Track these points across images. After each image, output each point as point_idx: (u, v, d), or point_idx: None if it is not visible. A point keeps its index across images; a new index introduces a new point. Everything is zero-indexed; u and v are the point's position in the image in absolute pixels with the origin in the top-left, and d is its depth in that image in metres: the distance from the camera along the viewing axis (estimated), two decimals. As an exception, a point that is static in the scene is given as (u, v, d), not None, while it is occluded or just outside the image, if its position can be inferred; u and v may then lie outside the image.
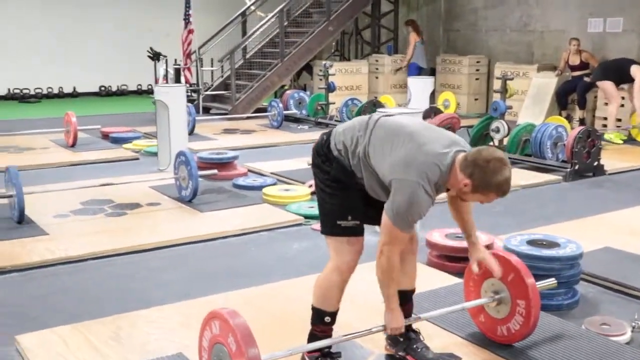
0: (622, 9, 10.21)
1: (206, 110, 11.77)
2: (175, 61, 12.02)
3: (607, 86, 9.09)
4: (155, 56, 12.13)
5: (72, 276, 4.22)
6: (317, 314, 2.85)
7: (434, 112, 8.77)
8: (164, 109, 6.96)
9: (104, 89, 14.96)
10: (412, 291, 3.01)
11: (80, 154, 7.94)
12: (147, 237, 4.86)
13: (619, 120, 9.29)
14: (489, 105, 9.23)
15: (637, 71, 8.73)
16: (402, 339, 3.00)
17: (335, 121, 10.02)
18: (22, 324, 3.45)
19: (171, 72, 11.83)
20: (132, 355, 3.11)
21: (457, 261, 4.12)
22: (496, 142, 7.75)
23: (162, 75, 11.96)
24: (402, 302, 2.95)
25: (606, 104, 9.39)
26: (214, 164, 6.66)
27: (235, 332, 2.38)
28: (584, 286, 3.91)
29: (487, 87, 12.11)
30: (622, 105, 9.29)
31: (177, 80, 11.55)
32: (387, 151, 2.62)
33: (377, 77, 12.63)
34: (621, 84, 9.12)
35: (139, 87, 15.20)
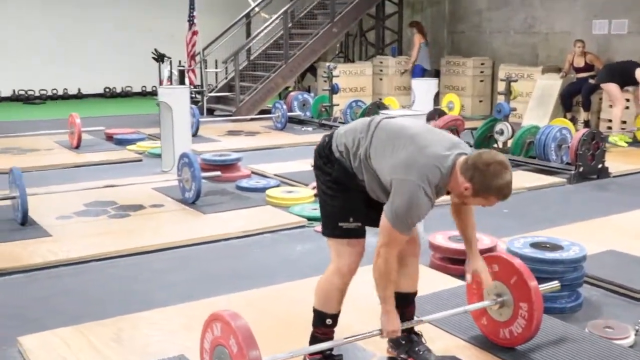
0: (628, 11, 10.19)
1: (210, 111, 11.77)
2: (179, 63, 12.04)
3: (611, 88, 9.07)
4: (159, 58, 12.16)
5: (74, 278, 4.23)
6: (319, 316, 2.85)
7: (438, 114, 8.76)
8: (168, 111, 6.96)
9: (108, 90, 14.99)
10: (414, 294, 3.00)
11: (84, 155, 7.95)
12: (150, 239, 4.86)
13: (624, 122, 9.26)
14: (493, 107, 9.21)
15: (642, 74, 8.73)
16: (404, 342, 2.99)
17: (339, 123, 9.99)
18: (24, 325, 3.45)
19: (175, 74, 11.85)
20: (134, 357, 3.11)
21: (460, 263, 4.08)
22: (500, 144, 7.73)
23: (167, 76, 11.98)
24: (404, 304, 2.96)
25: (611, 106, 9.36)
26: (217, 165, 6.66)
27: (236, 334, 2.38)
28: (587, 289, 3.90)
29: (492, 89, 12.07)
30: (627, 107, 9.27)
31: (182, 81, 11.57)
32: (388, 153, 2.61)
33: (381, 79, 12.61)
34: (626, 86, 9.09)
35: (144, 88, 15.22)
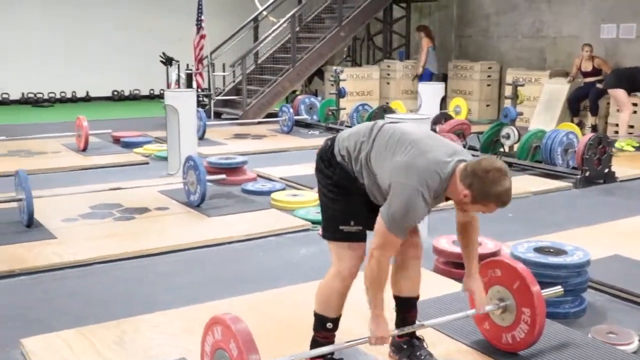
0: (636, 15, 10.14)
1: (217, 115, 11.81)
2: (187, 66, 12.07)
3: (618, 94, 9.04)
4: (167, 61, 12.20)
5: (79, 280, 4.24)
6: (319, 320, 2.85)
7: (444, 118, 8.76)
8: (174, 114, 6.98)
9: (116, 93, 15.05)
10: (416, 298, 2.99)
11: (90, 158, 7.98)
12: (155, 242, 4.87)
13: (632, 127, 9.22)
14: (501, 111, 9.20)
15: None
16: (405, 346, 2.99)
17: (345, 127, 10.00)
18: (27, 327, 3.47)
19: (183, 77, 11.88)
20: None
21: (464, 268, 4.08)
22: (506, 149, 7.72)
23: (175, 80, 12.01)
24: (405, 309, 2.96)
25: (619, 111, 9.33)
26: (222, 168, 6.67)
27: (237, 338, 2.39)
28: (591, 294, 3.88)
29: (499, 93, 12.05)
30: (635, 112, 9.23)
31: (189, 85, 11.61)
32: (388, 156, 2.61)
33: (388, 83, 12.61)
34: (633, 92, 9.07)
35: (152, 91, 15.27)
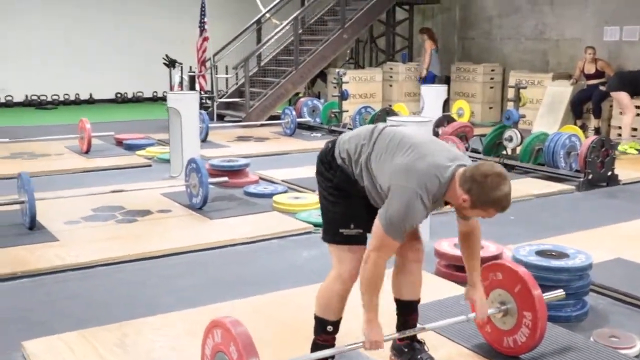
0: (639, 18, 10.13)
1: (220, 117, 11.82)
2: (190, 68, 12.09)
3: (621, 97, 9.03)
4: (170, 63, 12.23)
5: (81, 282, 4.25)
6: (320, 323, 2.84)
7: (447, 120, 8.75)
8: (177, 116, 6.99)
9: (119, 95, 15.07)
10: (417, 301, 2.98)
11: (93, 160, 7.99)
12: (157, 244, 4.88)
13: (635, 129, 9.20)
14: (503, 113, 9.19)
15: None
16: (406, 350, 2.98)
17: (348, 129, 10.00)
18: (29, 330, 3.47)
19: (186, 79, 11.90)
20: (137, 362, 3.12)
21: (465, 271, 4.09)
22: (509, 151, 7.71)
23: (178, 82, 12.05)
24: (406, 312, 2.95)
25: (622, 113, 9.32)
26: (225, 171, 6.67)
27: (236, 341, 2.39)
28: (593, 297, 3.87)
29: (502, 95, 12.05)
30: (638, 114, 9.21)
31: (192, 87, 11.62)
32: (388, 159, 2.61)
33: (391, 85, 12.61)
34: (636, 95, 9.05)
35: (155, 94, 15.29)
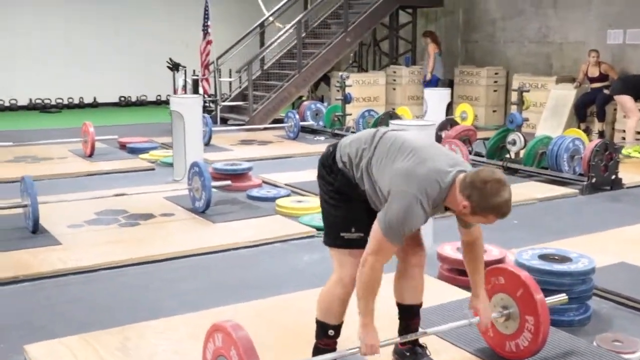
0: (643, 21, 10.13)
1: (224, 121, 11.83)
2: (193, 72, 12.10)
3: (625, 100, 9.01)
4: (174, 67, 12.25)
5: (84, 286, 4.25)
6: (321, 327, 2.84)
7: (451, 123, 8.75)
8: (180, 120, 6.99)
9: (123, 99, 15.10)
10: (419, 305, 2.98)
11: (97, 164, 8.00)
12: (160, 248, 4.87)
13: (639, 133, 9.18)
14: (507, 117, 9.19)
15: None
16: (408, 354, 2.98)
17: (351, 132, 10.00)
18: (31, 334, 3.47)
19: (190, 83, 11.92)
20: (139, 366, 3.12)
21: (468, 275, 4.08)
22: (512, 155, 7.70)
23: (181, 85, 12.06)
24: (408, 316, 2.95)
25: (625, 117, 9.30)
26: (228, 175, 6.68)
27: (237, 345, 2.39)
28: (597, 302, 3.85)
29: (505, 98, 12.04)
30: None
31: (195, 91, 11.64)
32: (389, 164, 2.61)
33: (394, 89, 12.61)
34: (639, 99, 9.03)
35: (158, 97, 15.31)
